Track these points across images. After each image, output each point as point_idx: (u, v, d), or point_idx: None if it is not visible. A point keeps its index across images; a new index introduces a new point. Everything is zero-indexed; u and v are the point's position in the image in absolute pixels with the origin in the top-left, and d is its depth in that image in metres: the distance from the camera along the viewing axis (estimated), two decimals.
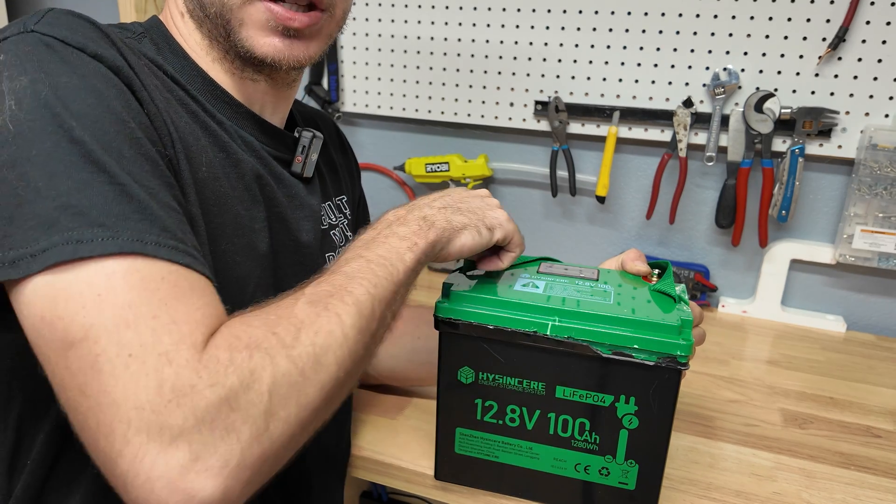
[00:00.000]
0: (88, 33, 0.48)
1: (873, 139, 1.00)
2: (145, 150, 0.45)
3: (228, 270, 0.55)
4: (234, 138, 0.58)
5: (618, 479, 0.61)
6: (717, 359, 0.97)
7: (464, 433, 0.64)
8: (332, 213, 0.72)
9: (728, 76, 1.04)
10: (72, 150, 0.42)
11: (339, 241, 0.72)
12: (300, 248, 0.63)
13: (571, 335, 0.57)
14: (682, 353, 0.55)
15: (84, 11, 0.50)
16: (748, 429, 0.80)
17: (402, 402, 0.83)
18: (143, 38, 0.57)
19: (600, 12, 1.09)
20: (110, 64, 0.47)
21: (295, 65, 0.57)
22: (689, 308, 0.60)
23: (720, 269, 1.18)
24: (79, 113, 0.43)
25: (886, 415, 0.84)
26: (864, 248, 1.04)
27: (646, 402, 0.58)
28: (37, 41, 0.45)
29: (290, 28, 0.55)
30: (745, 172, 1.07)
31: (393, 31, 1.22)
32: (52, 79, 0.43)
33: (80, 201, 0.40)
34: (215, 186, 0.54)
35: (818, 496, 0.68)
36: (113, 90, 0.46)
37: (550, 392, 0.60)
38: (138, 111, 0.47)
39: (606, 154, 1.13)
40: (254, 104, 0.61)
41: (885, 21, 0.97)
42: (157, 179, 0.45)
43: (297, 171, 0.64)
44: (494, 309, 0.59)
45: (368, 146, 1.34)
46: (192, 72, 0.57)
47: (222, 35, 0.56)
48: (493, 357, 0.60)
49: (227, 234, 0.55)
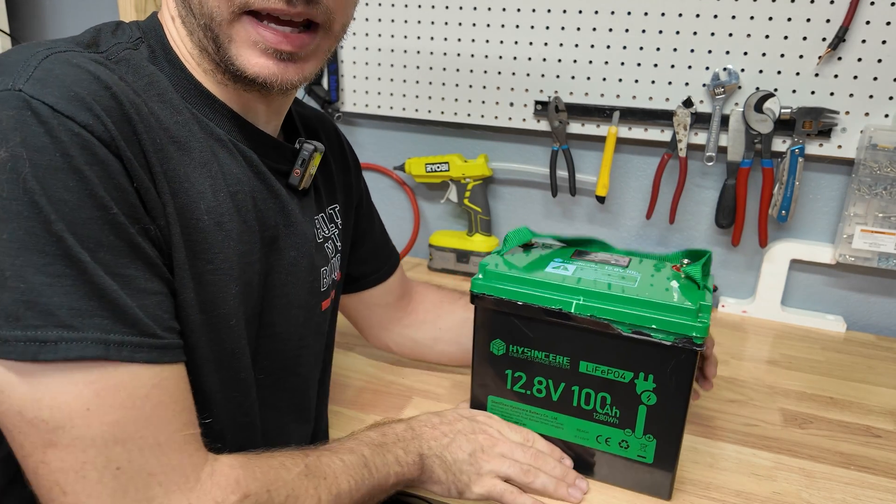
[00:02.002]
0: (81, 94, 0.44)
1: (873, 139, 1.00)
2: (125, 234, 0.45)
3: (237, 310, 0.56)
4: (234, 154, 0.57)
5: (636, 452, 0.65)
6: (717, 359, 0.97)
7: (495, 401, 0.71)
8: (325, 225, 0.70)
9: (728, 76, 1.04)
10: (46, 242, 0.41)
11: (331, 253, 0.70)
12: (289, 268, 0.62)
13: (594, 314, 0.62)
14: (698, 335, 0.59)
15: (84, 12, 0.49)
16: (748, 429, 0.80)
17: (402, 401, 0.83)
18: (141, 43, 0.54)
19: (600, 12, 1.09)
20: (100, 135, 0.44)
21: (288, 87, 0.54)
22: (712, 297, 0.64)
23: (720, 269, 1.18)
24: (57, 198, 0.41)
25: (886, 415, 0.84)
26: (864, 248, 1.04)
27: (663, 380, 0.62)
28: (23, 105, 0.42)
29: (282, 51, 0.52)
30: (745, 172, 1.07)
31: (393, 32, 1.22)
32: (34, 156, 0.41)
33: (48, 299, 0.41)
34: (217, 232, 0.53)
35: (818, 496, 0.68)
36: (97, 169, 0.43)
37: (574, 366, 0.65)
38: (125, 188, 0.45)
39: (606, 154, 1.13)
40: (248, 113, 0.59)
41: (885, 21, 0.97)
42: (134, 264, 0.45)
43: (293, 184, 0.62)
44: (524, 287, 0.64)
45: (368, 146, 1.34)
46: (187, 84, 0.55)
47: (211, 48, 0.53)
48: (522, 331, 0.66)
49: (235, 276, 0.55)
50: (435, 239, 1.27)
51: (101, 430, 0.42)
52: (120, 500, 0.43)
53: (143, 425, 0.44)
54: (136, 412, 0.44)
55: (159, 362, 0.46)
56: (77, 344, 0.41)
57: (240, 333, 0.57)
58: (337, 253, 0.72)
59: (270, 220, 0.59)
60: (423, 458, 0.63)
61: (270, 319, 0.61)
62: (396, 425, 0.65)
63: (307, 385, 0.69)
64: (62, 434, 0.42)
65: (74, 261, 0.42)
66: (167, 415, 0.46)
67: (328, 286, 0.70)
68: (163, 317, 0.47)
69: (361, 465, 0.58)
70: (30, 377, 0.41)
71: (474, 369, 0.70)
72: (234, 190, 0.55)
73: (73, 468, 0.42)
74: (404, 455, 0.62)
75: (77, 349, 0.41)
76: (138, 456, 0.44)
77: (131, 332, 0.44)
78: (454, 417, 0.69)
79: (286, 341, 0.64)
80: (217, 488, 0.47)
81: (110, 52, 0.52)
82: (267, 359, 0.62)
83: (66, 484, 0.42)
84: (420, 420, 0.67)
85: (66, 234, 0.42)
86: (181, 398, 0.48)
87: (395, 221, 1.36)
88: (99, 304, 0.43)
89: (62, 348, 0.41)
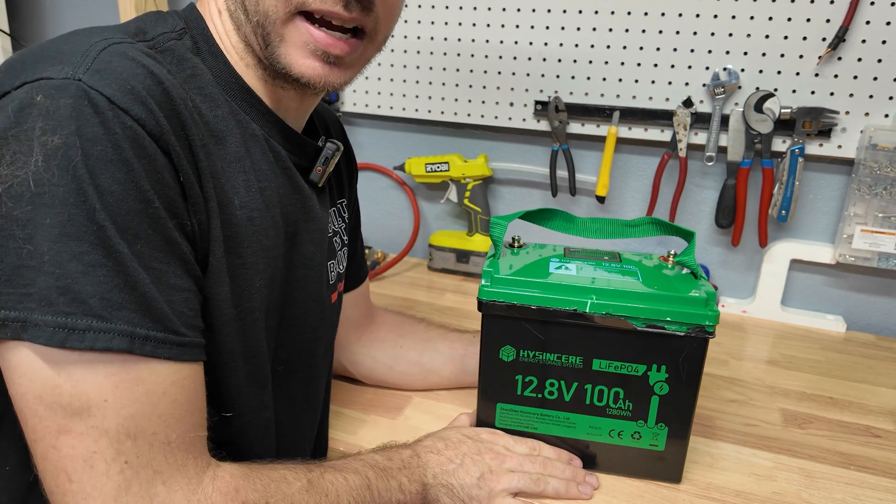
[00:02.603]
0: (137, 88, 0.45)
1: (873, 139, 1.00)
2: (163, 229, 0.46)
3: (261, 304, 0.57)
4: (266, 151, 0.58)
5: (648, 441, 0.67)
6: (717, 359, 0.97)
7: (504, 408, 0.70)
8: (336, 219, 0.72)
9: (728, 76, 1.04)
10: (87, 230, 0.42)
11: (338, 246, 0.73)
12: (307, 262, 0.64)
13: (609, 311, 0.63)
14: (710, 324, 0.61)
15: (84, 12, 0.50)
16: (748, 429, 0.80)
17: (402, 401, 0.83)
18: (185, 34, 0.55)
19: (600, 12, 1.09)
20: (151, 129, 0.45)
21: (330, 89, 0.56)
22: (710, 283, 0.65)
23: (720, 268, 1.18)
24: (104, 189, 0.42)
25: (886, 415, 0.84)
26: (864, 248, 1.04)
27: (675, 370, 0.64)
28: (81, 94, 0.42)
29: (331, 54, 0.54)
30: (745, 172, 1.07)
31: (393, 31, 1.22)
32: (87, 146, 0.42)
33: (82, 287, 0.42)
34: (248, 227, 0.54)
35: (818, 496, 0.68)
36: (145, 163, 0.44)
37: (587, 365, 0.65)
38: (168, 183, 0.46)
39: (606, 154, 1.13)
40: (279, 109, 0.60)
41: (885, 21, 0.97)
42: (168, 259, 0.46)
43: (314, 180, 0.64)
44: (536, 291, 0.64)
45: (368, 146, 1.34)
46: (228, 77, 0.56)
47: (260, 45, 0.54)
48: (534, 335, 0.65)
49: (260, 271, 0.56)
50: (435, 239, 1.27)
51: (115, 423, 0.43)
52: (123, 494, 0.43)
53: (156, 422, 0.44)
54: (151, 408, 0.44)
55: (180, 360, 0.46)
56: (105, 335, 0.42)
57: (261, 327, 0.58)
58: (344, 247, 0.74)
59: (292, 216, 0.61)
60: (427, 487, 0.62)
61: (291, 312, 0.63)
62: (403, 451, 0.64)
63: (318, 374, 0.71)
64: (77, 422, 0.42)
65: (112, 251, 0.42)
66: (181, 414, 0.46)
67: (336, 279, 0.72)
68: (188, 314, 0.47)
69: (364, 486, 0.57)
70: (54, 363, 0.42)
71: (481, 379, 0.69)
72: (263, 186, 0.57)
73: (83, 457, 0.42)
74: (408, 483, 0.61)
75: (104, 340, 0.42)
76: (147, 452, 0.44)
77: (156, 328, 0.44)
78: (458, 439, 0.67)
79: (303, 333, 0.66)
80: (218, 494, 0.47)
81: (157, 42, 0.52)
82: (286, 351, 0.64)
83: (74, 472, 0.43)
84: (425, 446, 0.66)
85: (107, 223, 0.42)
86: (195, 398, 0.48)
87: (395, 221, 1.36)
88: (130, 296, 0.43)
89: (90, 337, 0.41)
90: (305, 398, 0.69)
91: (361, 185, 1.36)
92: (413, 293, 1.17)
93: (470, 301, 1.13)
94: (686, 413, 0.65)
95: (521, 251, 0.74)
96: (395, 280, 1.23)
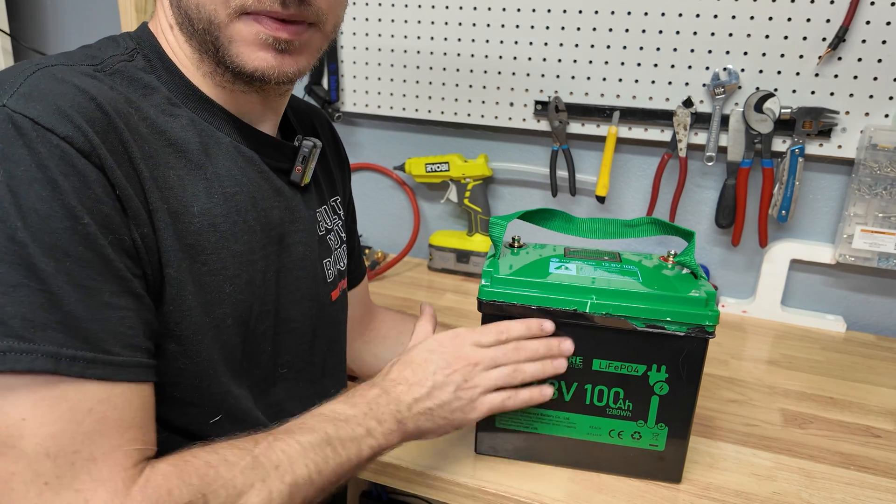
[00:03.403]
0: (63, 107, 0.45)
1: (873, 139, 1.00)
2: (96, 246, 0.45)
3: (234, 310, 0.57)
4: (234, 156, 0.58)
5: (648, 441, 0.67)
6: (717, 359, 0.97)
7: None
8: (328, 217, 0.72)
9: (728, 76, 1.04)
10: (6, 250, 0.41)
11: (335, 244, 0.73)
12: (299, 263, 0.64)
13: (609, 311, 0.63)
14: (710, 323, 0.62)
15: (85, 12, 0.50)
16: (748, 429, 0.80)
17: None
18: (136, 54, 0.56)
19: (600, 12, 1.09)
20: (80, 146, 0.45)
21: (284, 79, 0.56)
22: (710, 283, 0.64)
23: (720, 268, 1.18)
24: (28, 207, 0.42)
25: (886, 415, 0.84)
26: (864, 248, 1.04)
27: (676, 369, 0.64)
28: (5, 119, 0.43)
29: (280, 41, 0.54)
30: (745, 172, 1.07)
31: (393, 31, 1.22)
32: (10, 167, 0.42)
33: (1, 307, 0.41)
34: (210, 234, 0.54)
35: (818, 496, 0.68)
36: (73, 180, 0.44)
37: (587, 365, 0.65)
38: (102, 198, 0.46)
39: (606, 154, 1.13)
40: (246, 114, 0.61)
41: (885, 21, 0.97)
42: (102, 276, 0.45)
43: (295, 181, 0.64)
44: (536, 291, 0.64)
45: (368, 146, 1.34)
46: (185, 90, 0.57)
47: (211, 50, 0.55)
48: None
49: (230, 276, 0.56)
50: (435, 239, 1.27)
51: (33, 442, 0.41)
52: None
53: (80, 440, 0.43)
54: (75, 426, 0.43)
55: (112, 380, 0.45)
56: (27, 356, 0.41)
57: (247, 331, 0.58)
58: (342, 244, 0.75)
59: (275, 219, 0.61)
60: (403, 422, 0.59)
61: (288, 315, 0.63)
62: (368, 391, 0.60)
63: (324, 374, 0.71)
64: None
65: (35, 270, 0.42)
66: (110, 430, 0.44)
67: (335, 277, 0.72)
68: (126, 333, 0.46)
69: (323, 443, 0.54)
70: None
71: None
72: (230, 191, 0.57)
73: (3, 478, 0.41)
74: (377, 425, 0.58)
75: (26, 361, 0.41)
76: (68, 471, 0.42)
77: (84, 347, 0.43)
78: (424, 359, 0.63)
79: (303, 334, 0.66)
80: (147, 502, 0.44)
81: (105, 65, 0.53)
82: (288, 353, 0.64)
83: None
84: (392, 379, 0.62)
85: (30, 242, 0.42)
86: (132, 415, 0.46)
87: (395, 221, 1.36)
88: (55, 316, 0.42)
89: (10, 359, 0.41)
90: (315, 398, 0.68)
91: (362, 185, 1.36)
92: (413, 293, 1.17)
93: (470, 301, 1.13)
94: (686, 413, 0.65)
95: (521, 251, 0.74)
96: (395, 280, 1.23)
